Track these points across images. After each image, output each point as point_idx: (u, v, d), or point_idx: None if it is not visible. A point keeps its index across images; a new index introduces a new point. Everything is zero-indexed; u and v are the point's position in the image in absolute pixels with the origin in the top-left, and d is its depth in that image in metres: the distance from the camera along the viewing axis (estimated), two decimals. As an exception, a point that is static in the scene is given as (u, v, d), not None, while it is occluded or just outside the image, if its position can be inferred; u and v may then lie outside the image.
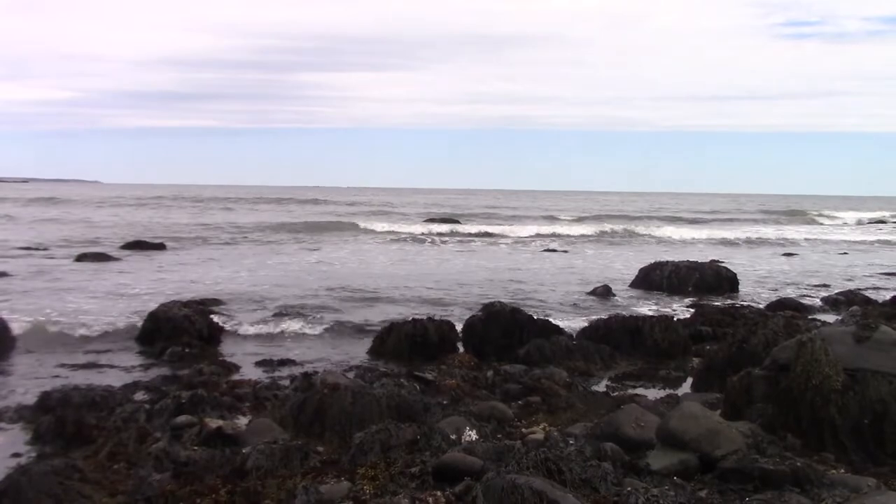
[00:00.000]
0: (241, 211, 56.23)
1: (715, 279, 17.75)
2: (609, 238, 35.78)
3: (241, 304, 14.31)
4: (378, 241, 30.29)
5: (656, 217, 56.21)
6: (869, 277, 21.26)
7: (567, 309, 14.70)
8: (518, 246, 29.61)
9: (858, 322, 6.34)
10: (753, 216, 62.47)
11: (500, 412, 6.97)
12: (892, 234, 44.19)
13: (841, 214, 64.46)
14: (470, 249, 28.40)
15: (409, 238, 32.09)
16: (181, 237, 29.99)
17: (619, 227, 40.18)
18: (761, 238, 37.53)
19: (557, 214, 56.23)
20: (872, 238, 40.44)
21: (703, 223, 49.99)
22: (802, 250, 30.65)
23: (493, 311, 11.07)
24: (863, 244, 35.44)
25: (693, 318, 13.11)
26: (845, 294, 16.39)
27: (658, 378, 9.33)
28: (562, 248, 29.01)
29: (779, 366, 6.11)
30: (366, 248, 27.96)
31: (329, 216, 48.08)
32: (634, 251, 28.61)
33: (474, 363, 9.69)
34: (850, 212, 73.55)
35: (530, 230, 37.24)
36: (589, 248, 29.90)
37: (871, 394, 5.57)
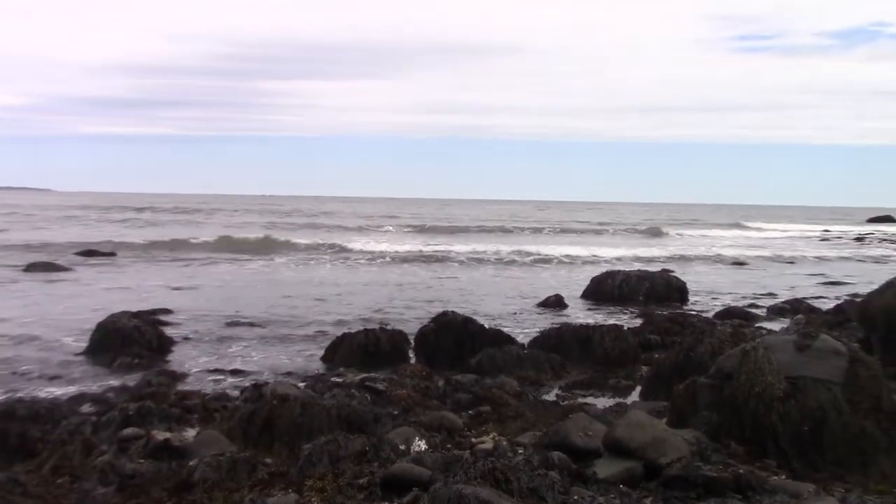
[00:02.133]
0: (196, 220, 55.64)
1: (665, 288, 17.99)
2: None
3: (192, 315, 14.17)
4: (332, 254, 30.11)
5: (595, 227, 56.77)
6: (813, 287, 21.70)
7: (519, 319, 14.80)
8: (474, 259, 29.64)
9: (800, 331, 6.48)
10: (709, 225, 63.45)
11: (449, 422, 7.00)
12: (838, 246, 45.25)
13: (789, 225, 65.71)
14: (421, 259, 28.39)
15: (360, 251, 31.99)
16: (133, 246, 29.59)
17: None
18: (712, 247, 38.11)
19: (518, 225, 56.48)
20: (818, 248, 41.35)
21: (646, 234, 50.62)
22: (751, 260, 31.17)
23: (446, 320, 11.09)
24: (809, 254, 36.17)
25: (642, 326, 13.26)
26: (790, 303, 16.72)
27: (607, 387, 9.43)
28: (522, 261, 29.07)
29: (723, 374, 6.21)
30: (320, 259, 27.84)
31: (283, 228, 47.76)
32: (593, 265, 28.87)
33: (426, 373, 9.70)
34: (798, 224, 75.10)
35: (488, 244, 37.28)
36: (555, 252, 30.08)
37: (811, 401, 5.69)
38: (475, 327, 11.10)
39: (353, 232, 44.69)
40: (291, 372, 10.08)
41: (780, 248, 40.78)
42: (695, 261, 30.14)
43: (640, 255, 31.21)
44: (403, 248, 32.63)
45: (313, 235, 39.27)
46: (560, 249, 32.32)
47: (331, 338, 11.53)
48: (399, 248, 31.85)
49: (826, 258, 33.61)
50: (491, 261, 27.93)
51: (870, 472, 5.47)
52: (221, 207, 77.39)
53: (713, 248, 38.50)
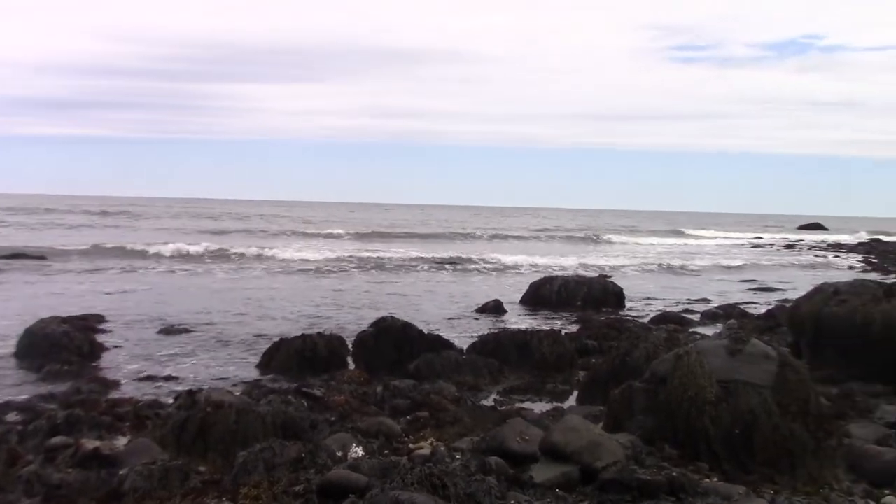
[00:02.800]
0: (133, 223, 54.60)
1: (602, 294, 18.20)
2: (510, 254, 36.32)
3: (124, 321, 13.88)
4: (269, 259, 29.77)
5: (537, 233, 57.25)
6: (745, 293, 22.18)
7: (458, 324, 14.83)
8: (413, 264, 29.59)
9: (731, 336, 6.60)
10: (647, 232, 64.42)
11: (387, 428, 6.97)
12: (770, 252, 46.38)
13: (724, 233, 67.05)
14: (360, 264, 28.26)
15: (297, 256, 31.69)
16: (66, 250, 28.81)
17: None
18: (649, 254, 38.74)
19: (460, 231, 56.57)
20: (751, 255, 42.34)
21: (586, 240, 51.25)
22: (686, 266, 31.72)
23: (384, 325, 11.05)
24: (742, 261, 36.96)
25: (580, 331, 13.40)
26: (723, 308, 17.07)
27: (545, 391, 9.49)
28: (462, 266, 29.11)
29: (658, 378, 6.29)
30: (257, 264, 27.52)
31: (222, 232, 47.13)
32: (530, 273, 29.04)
33: (364, 378, 9.65)
34: (732, 230, 76.75)
35: (428, 249, 37.27)
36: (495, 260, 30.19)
37: (742, 405, 5.80)
38: (414, 332, 11.09)
39: (291, 236, 44.31)
40: (227, 378, 9.94)
41: (714, 254, 41.60)
42: (632, 266, 30.56)
43: (579, 261, 31.51)
44: (342, 253, 32.43)
45: (252, 240, 38.83)
46: (500, 255, 32.46)
47: (267, 343, 11.39)
48: (338, 254, 31.65)
49: (758, 265, 34.37)
50: (431, 266, 27.92)
51: (798, 473, 5.60)
52: (160, 211, 76.01)
53: (650, 255, 39.18)
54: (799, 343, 10.21)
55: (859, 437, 6.29)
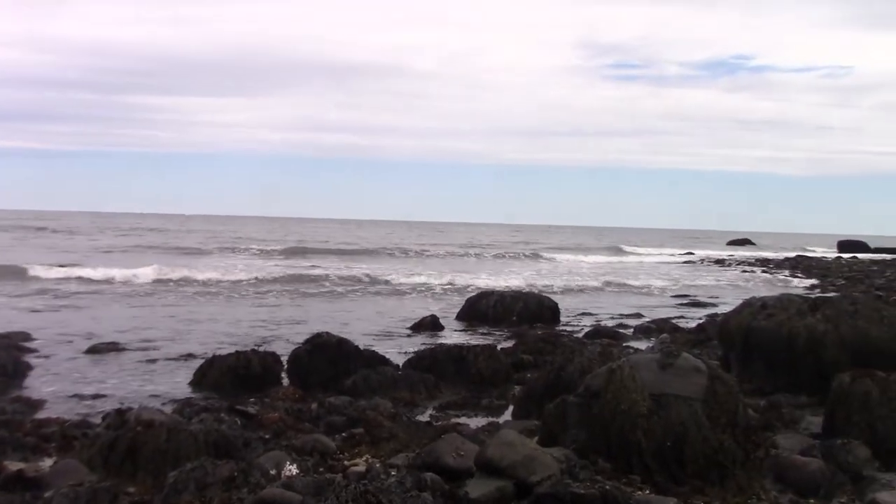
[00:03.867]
0: (61, 237, 53.29)
1: (538, 308, 18.32)
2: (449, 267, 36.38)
3: (51, 338, 13.51)
4: (200, 275, 29.31)
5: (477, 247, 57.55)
6: (678, 307, 22.59)
7: (394, 340, 14.79)
8: (348, 280, 29.45)
9: (663, 350, 6.72)
10: (584, 249, 65.19)
11: (322, 445, 6.91)
12: (701, 268, 47.39)
13: (657, 249, 68.18)
14: (293, 280, 28.03)
15: (227, 273, 31.28)
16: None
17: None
18: (583, 269, 39.21)
19: (398, 246, 56.47)
20: (683, 271, 43.19)
21: (522, 257, 51.65)
22: (620, 281, 32.16)
23: (320, 342, 10.96)
24: (674, 276, 37.66)
25: (515, 346, 13.48)
26: (656, 322, 17.34)
27: (481, 406, 9.51)
28: (397, 281, 29.03)
29: (591, 392, 6.36)
30: (187, 280, 27.05)
31: (153, 249, 46.29)
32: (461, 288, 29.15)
33: (299, 395, 9.54)
34: (665, 246, 78.20)
35: (363, 265, 37.15)
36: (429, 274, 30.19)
37: (673, 417, 5.90)
38: (349, 348, 11.01)
39: (223, 252, 43.65)
40: (158, 396, 9.73)
41: (647, 269, 42.35)
42: (567, 282, 30.87)
43: (525, 283, 31.70)
44: (275, 269, 32.13)
45: (182, 258, 38.15)
46: (435, 271, 32.53)
47: (199, 361, 11.20)
48: (271, 270, 31.33)
49: (690, 280, 35.05)
50: (365, 282, 27.82)
51: (727, 484, 5.71)
52: (88, 226, 74.31)
53: (584, 270, 39.68)
54: (728, 356, 10.44)
55: (785, 447, 6.45)
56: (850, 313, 9.55)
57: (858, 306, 9.80)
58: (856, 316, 9.49)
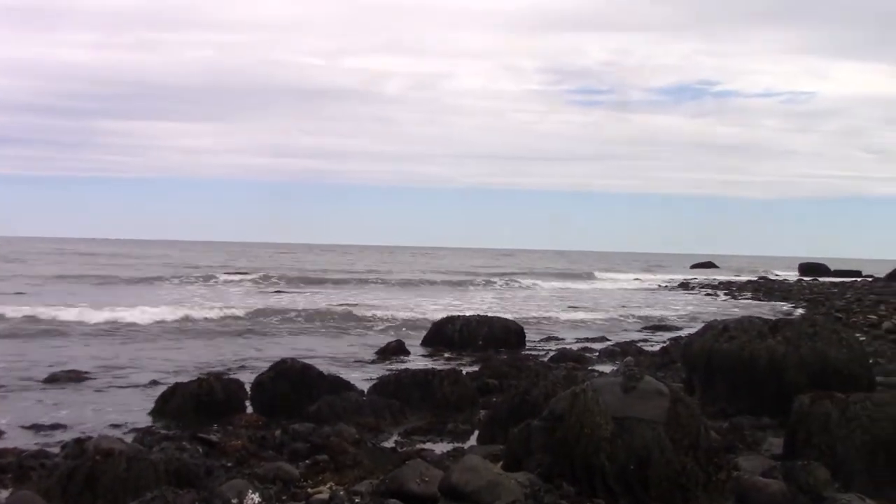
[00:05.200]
0: (17, 262, 52.47)
1: (503, 333, 18.34)
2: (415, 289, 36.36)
3: (8, 366, 13.28)
4: (162, 300, 29.01)
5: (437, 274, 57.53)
6: (642, 331, 22.76)
7: (359, 366, 14.73)
8: (313, 305, 29.31)
9: (626, 373, 6.76)
10: (544, 270, 65.46)
11: (285, 473, 6.84)
12: (665, 291, 47.81)
13: (621, 275, 68.56)
14: (258, 306, 27.83)
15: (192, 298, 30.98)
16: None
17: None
18: (551, 291, 39.43)
19: (366, 269, 56.19)
20: (648, 294, 43.57)
21: (493, 276, 51.69)
22: (585, 304, 32.34)
23: (283, 368, 10.88)
24: (639, 299, 37.97)
25: (481, 371, 13.48)
26: (621, 346, 17.46)
27: (446, 432, 9.48)
28: (363, 304, 28.92)
29: (555, 416, 6.37)
30: (150, 305, 26.73)
31: (128, 270, 45.69)
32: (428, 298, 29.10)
33: (262, 422, 9.47)
34: (630, 269, 78.82)
35: (329, 290, 36.94)
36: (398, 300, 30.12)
37: (636, 440, 5.92)
38: (314, 374, 10.95)
39: (185, 280, 42.97)
40: (118, 425, 9.60)
41: (613, 293, 42.64)
42: (533, 305, 30.98)
43: (480, 304, 31.76)
44: (240, 296, 31.92)
45: (144, 287, 37.42)
46: (401, 296, 32.51)
47: (162, 388, 11.07)
48: (236, 296, 31.12)
49: (655, 303, 35.34)
50: (331, 307, 27.71)
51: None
52: (45, 254, 73.24)
53: (550, 294, 39.87)
54: (692, 378, 10.52)
55: (747, 469, 6.49)
56: (809, 335, 9.68)
57: (818, 328, 9.95)
58: (815, 338, 9.62)
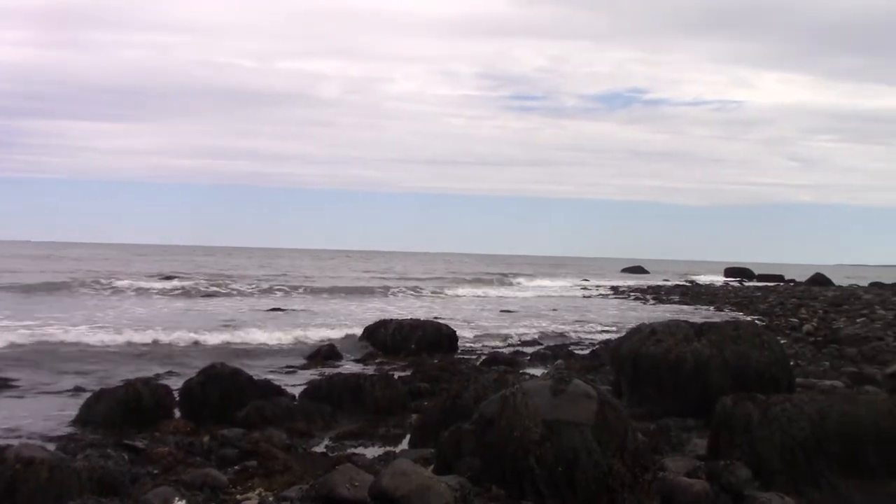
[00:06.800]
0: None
1: (436, 336, 18.35)
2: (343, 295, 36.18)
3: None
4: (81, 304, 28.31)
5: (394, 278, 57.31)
6: (574, 334, 23.02)
7: (290, 370, 14.60)
8: (243, 309, 28.97)
9: (554, 376, 6.84)
10: (479, 275, 65.65)
11: (213, 479, 6.76)
12: (597, 295, 48.48)
13: (557, 280, 69.18)
14: (183, 312, 27.42)
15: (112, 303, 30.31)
16: None
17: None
18: (482, 295, 39.66)
19: (300, 274, 55.53)
20: (580, 298, 44.14)
21: (426, 280, 51.64)
22: (517, 309, 32.60)
23: (213, 373, 10.73)
24: (572, 303, 38.44)
25: (413, 374, 13.50)
26: (552, 349, 17.65)
27: (377, 436, 9.48)
28: (294, 309, 28.71)
29: (485, 420, 6.42)
30: (70, 310, 26.11)
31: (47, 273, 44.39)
32: (362, 308, 29.02)
33: (191, 428, 9.33)
34: (565, 273, 79.73)
35: (261, 295, 36.45)
36: (323, 305, 29.92)
37: (564, 443, 6.01)
38: (244, 379, 10.81)
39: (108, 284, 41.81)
40: (41, 433, 9.34)
41: (547, 296, 43.08)
42: (466, 309, 31.09)
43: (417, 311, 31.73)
44: (163, 297, 31.38)
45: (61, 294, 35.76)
46: (332, 303, 32.34)
47: (88, 394, 10.81)
48: (160, 298, 30.58)
49: (586, 307, 35.81)
50: (262, 310, 27.43)
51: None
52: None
53: (484, 296, 40.11)
54: (620, 381, 10.70)
55: (672, 469, 6.64)
56: (733, 339, 9.95)
57: (741, 332, 10.22)
58: (738, 341, 9.89)
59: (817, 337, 20.47)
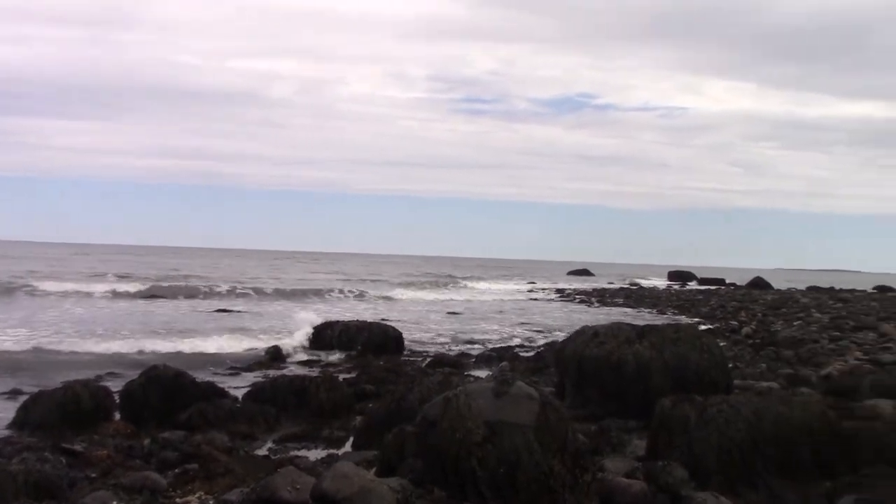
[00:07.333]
0: None
1: (382, 338, 18.35)
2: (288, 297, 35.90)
3: None
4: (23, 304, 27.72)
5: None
6: (519, 336, 23.18)
7: (234, 372, 14.47)
8: (189, 312, 28.60)
9: (497, 378, 6.88)
10: (426, 277, 65.69)
11: (152, 482, 6.67)
12: (543, 297, 48.81)
13: (501, 279, 69.63)
14: (139, 310, 27.00)
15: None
16: None
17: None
18: (430, 298, 39.68)
19: (252, 276, 54.92)
20: (526, 300, 44.38)
21: (372, 283, 51.51)
22: (463, 311, 32.70)
23: (154, 374, 10.59)
24: (518, 306, 38.66)
25: (358, 376, 13.47)
26: (497, 351, 17.76)
27: (321, 438, 9.44)
28: (247, 311, 28.43)
29: (428, 421, 6.44)
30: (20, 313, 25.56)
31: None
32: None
33: (131, 431, 9.20)
34: (511, 276, 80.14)
35: (209, 297, 35.99)
36: (269, 307, 29.69)
37: (506, 445, 6.05)
38: (186, 381, 10.69)
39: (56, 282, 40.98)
40: (-26, 436, 9.12)
41: (493, 299, 43.26)
42: (412, 311, 31.11)
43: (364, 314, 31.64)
44: (110, 299, 30.82)
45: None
46: (277, 305, 32.11)
47: (25, 397, 10.59)
48: (106, 300, 30.04)
49: (532, 309, 36.06)
50: (208, 311, 27.11)
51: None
52: None
53: (432, 298, 40.13)
54: (564, 383, 10.82)
55: (612, 470, 6.74)
56: (673, 341, 10.12)
57: (681, 334, 10.39)
58: (678, 343, 10.06)
59: (756, 339, 20.89)
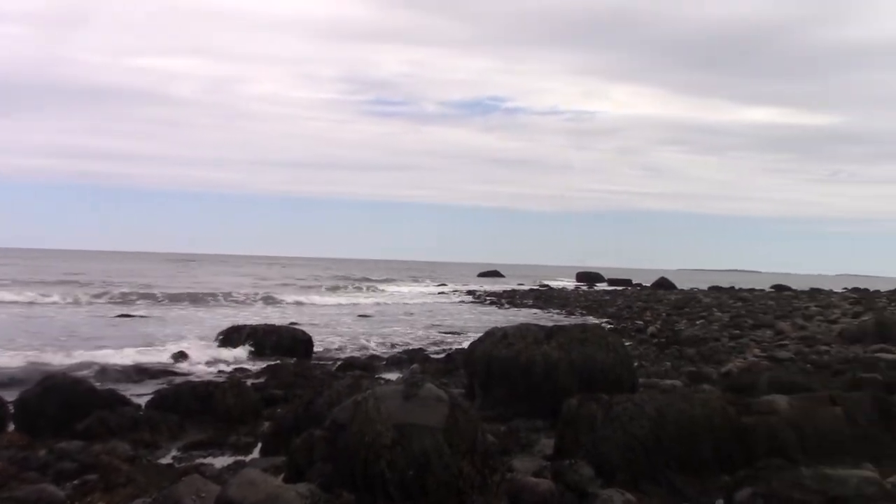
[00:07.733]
0: None
1: (291, 342, 18.14)
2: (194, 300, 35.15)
3: None
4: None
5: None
6: (430, 339, 23.23)
7: (137, 379, 14.06)
8: (87, 315, 27.73)
9: (407, 380, 6.87)
10: (333, 280, 65.32)
11: (49, 495, 6.42)
12: (453, 299, 49.06)
13: (409, 281, 69.76)
14: (24, 317, 26.03)
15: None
16: None
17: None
18: (340, 301, 39.41)
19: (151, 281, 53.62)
20: (436, 302, 44.53)
21: (280, 286, 50.97)
22: (374, 312, 32.61)
23: (51, 383, 10.19)
24: (428, 308, 38.75)
25: (266, 381, 13.26)
26: (408, 353, 17.74)
27: (228, 445, 9.23)
28: (146, 314, 27.74)
29: (337, 425, 6.38)
30: None
31: None
32: (211, 315, 28.31)
33: (26, 442, 8.82)
34: (421, 278, 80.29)
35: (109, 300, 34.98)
36: (170, 311, 29.01)
37: (416, 447, 6.04)
38: (85, 389, 10.32)
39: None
40: None
41: (404, 301, 43.24)
42: (321, 314, 30.85)
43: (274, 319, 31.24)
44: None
45: None
46: (179, 309, 31.42)
47: None
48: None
49: (442, 311, 36.19)
50: (108, 317, 26.32)
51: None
52: None
53: (341, 301, 39.86)
54: (473, 384, 10.87)
55: (520, 470, 6.80)
56: (580, 341, 10.28)
57: (588, 334, 10.57)
58: (585, 343, 10.23)
59: (660, 338, 21.45)
